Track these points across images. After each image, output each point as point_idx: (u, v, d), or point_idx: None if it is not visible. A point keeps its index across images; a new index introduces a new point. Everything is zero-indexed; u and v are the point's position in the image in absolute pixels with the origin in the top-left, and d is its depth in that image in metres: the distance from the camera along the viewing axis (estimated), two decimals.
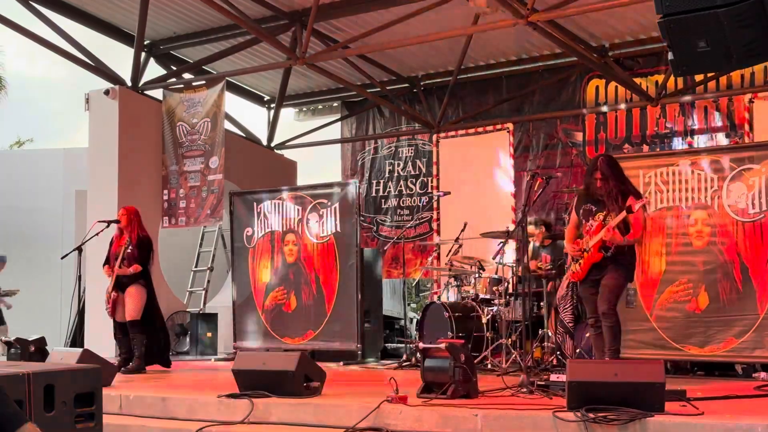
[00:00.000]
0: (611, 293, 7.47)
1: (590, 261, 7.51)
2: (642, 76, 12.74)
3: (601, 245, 7.44)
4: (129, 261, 9.71)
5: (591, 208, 7.59)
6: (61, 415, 4.71)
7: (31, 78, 54.19)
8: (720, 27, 4.59)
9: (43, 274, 15.11)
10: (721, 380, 8.27)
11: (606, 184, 7.49)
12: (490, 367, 9.22)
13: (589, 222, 7.57)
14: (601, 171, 7.55)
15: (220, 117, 12.64)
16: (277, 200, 11.31)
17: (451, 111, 14.33)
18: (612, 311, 7.45)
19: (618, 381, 5.53)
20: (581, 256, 7.57)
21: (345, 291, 10.67)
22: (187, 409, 6.74)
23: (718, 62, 5.12)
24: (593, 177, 7.57)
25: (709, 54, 4.80)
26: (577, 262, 7.65)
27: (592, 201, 7.61)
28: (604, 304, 7.43)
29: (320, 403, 6.42)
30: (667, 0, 4.63)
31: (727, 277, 8.27)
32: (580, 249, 7.58)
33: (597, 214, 7.51)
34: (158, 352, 10.02)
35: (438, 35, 11.70)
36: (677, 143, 12.43)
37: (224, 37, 13.23)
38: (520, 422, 5.56)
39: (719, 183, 8.40)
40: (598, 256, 7.46)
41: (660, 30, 4.80)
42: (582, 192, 7.88)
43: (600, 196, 7.53)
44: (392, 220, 14.87)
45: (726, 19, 4.54)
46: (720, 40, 4.68)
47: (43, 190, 16.52)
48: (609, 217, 7.42)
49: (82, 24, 12.94)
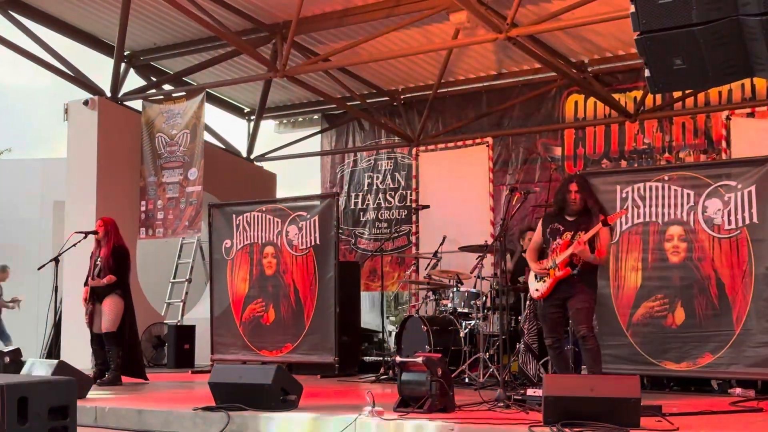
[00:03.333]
0: (587, 316, 7.43)
1: (557, 278, 7.43)
2: (621, 92, 12.80)
3: (568, 261, 7.40)
4: (104, 272, 9.67)
5: (558, 227, 7.56)
6: (34, 428, 4.68)
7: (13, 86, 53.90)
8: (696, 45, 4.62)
9: (19, 285, 15.00)
10: (697, 396, 8.30)
11: (582, 197, 7.51)
12: (468, 381, 9.22)
13: (555, 241, 7.53)
14: (578, 184, 7.58)
15: (199, 128, 12.62)
16: (256, 212, 11.29)
17: (431, 125, 14.35)
18: (591, 333, 7.43)
19: (594, 396, 5.56)
20: (546, 274, 7.55)
21: (323, 304, 10.66)
22: (163, 421, 6.72)
23: (695, 80, 5.15)
24: (568, 189, 7.57)
25: (686, 71, 4.83)
26: (542, 281, 7.59)
27: (559, 221, 7.59)
28: (584, 327, 7.36)
29: (297, 416, 6.42)
30: (643, 17, 4.66)
31: (703, 292, 8.32)
32: (545, 267, 7.55)
33: (564, 234, 7.48)
34: (134, 364, 9.96)
35: (419, 49, 11.76)
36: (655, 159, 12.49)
37: (205, 48, 13.22)
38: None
39: (696, 199, 8.46)
40: (565, 272, 7.39)
41: (637, 47, 4.83)
42: (548, 212, 7.86)
43: (573, 211, 7.53)
44: (370, 233, 14.86)
45: (702, 37, 4.57)
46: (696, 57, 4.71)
47: (20, 200, 16.44)
48: (577, 236, 7.39)
49: (63, 34, 12.93)
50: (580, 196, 7.51)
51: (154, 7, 12.06)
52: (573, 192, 7.52)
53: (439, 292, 10.63)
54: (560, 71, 11.94)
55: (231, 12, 11.88)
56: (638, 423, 5.44)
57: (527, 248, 9.23)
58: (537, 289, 7.62)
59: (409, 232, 14.27)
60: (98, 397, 7.89)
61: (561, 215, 7.61)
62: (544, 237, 7.68)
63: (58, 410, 4.82)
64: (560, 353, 7.66)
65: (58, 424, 4.81)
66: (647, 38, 4.72)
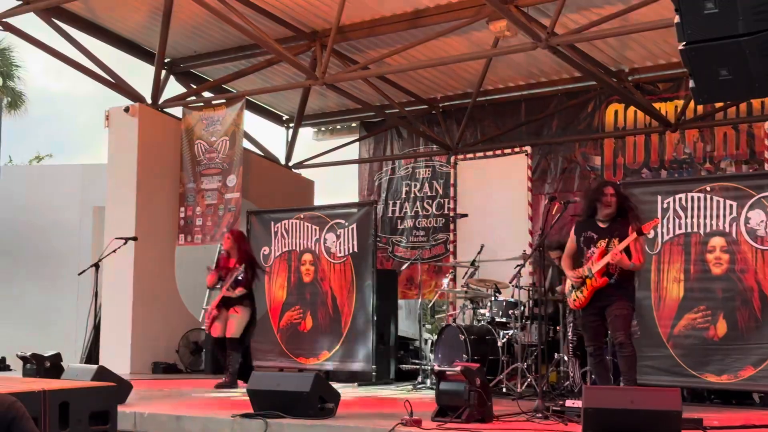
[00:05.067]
0: (625, 323, 7.36)
1: (594, 287, 7.38)
2: (661, 101, 12.71)
3: (605, 270, 7.34)
4: (236, 283, 9.81)
5: (592, 235, 7.49)
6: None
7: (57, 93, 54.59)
8: (742, 56, 4.56)
9: (59, 290, 15.15)
10: (739, 409, 8.21)
11: (616, 201, 7.43)
12: (505, 391, 9.18)
13: (590, 249, 7.47)
14: (615, 188, 7.52)
15: (238, 135, 12.69)
16: (294, 219, 11.32)
17: (470, 133, 14.34)
18: (629, 341, 7.36)
19: (634, 408, 5.50)
20: (582, 284, 7.50)
21: (360, 311, 10.66)
22: (201, 428, 6.74)
23: (741, 91, 5.08)
24: (604, 192, 7.49)
25: (732, 82, 4.77)
26: (579, 290, 7.52)
27: (592, 228, 7.54)
28: (621, 335, 7.31)
29: (334, 424, 6.41)
30: (688, 28, 4.61)
31: (745, 304, 8.22)
32: (581, 276, 7.50)
33: (599, 242, 7.42)
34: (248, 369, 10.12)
35: (458, 57, 11.74)
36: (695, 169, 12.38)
37: (244, 56, 13.31)
38: None
39: (738, 210, 8.36)
40: (602, 281, 7.34)
41: (681, 58, 4.77)
42: (580, 220, 7.79)
43: (606, 216, 7.46)
44: (408, 241, 14.86)
45: (749, 47, 4.52)
46: (742, 68, 4.65)
47: (61, 206, 16.58)
48: (612, 244, 7.34)
49: (105, 41, 13.08)
50: (615, 199, 7.45)
51: (195, 14, 12.16)
52: (609, 195, 7.44)
53: (476, 301, 10.59)
54: (600, 80, 11.87)
55: (270, 20, 11.94)
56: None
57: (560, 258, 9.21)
58: (575, 299, 7.57)
59: (446, 241, 14.23)
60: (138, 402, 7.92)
61: (593, 222, 7.55)
62: (577, 245, 7.63)
63: (98, 415, 4.87)
64: (601, 361, 7.62)
65: (99, 429, 4.86)
66: (692, 49, 4.66)
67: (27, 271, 16.16)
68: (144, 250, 12.18)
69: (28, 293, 15.97)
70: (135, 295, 12.34)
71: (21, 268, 16.15)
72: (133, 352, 12.27)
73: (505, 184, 13.17)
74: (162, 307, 12.67)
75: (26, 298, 15.92)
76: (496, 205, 13.03)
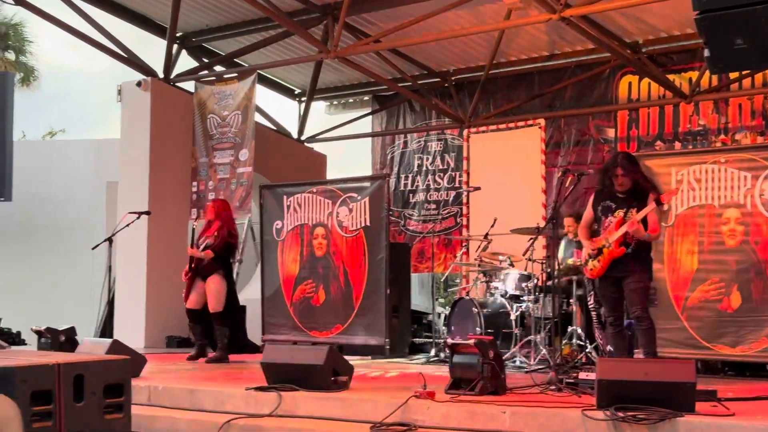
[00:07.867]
0: (642, 295, 7.39)
1: (611, 256, 7.39)
2: (675, 73, 12.63)
3: (622, 240, 7.33)
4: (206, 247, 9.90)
5: (610, 205, 7.49)
6: (90, 406, 4.75)
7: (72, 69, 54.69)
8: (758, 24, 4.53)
9: (73, 265, 15.21)
10: (753, 381, 8.18)
11: (628, 180, 7.41)
12: (519, 364, 9.19)
13: (608, 218, 7.48)
14: (622, 167, 7.46)
15: (250, 110, 12.66)
16: (306, 194, 11.29)
17: (482, 106, 14.29)
18: (646, 313, 7.38)
19: (648, 380, 5.48)
20: (599, 252, 7.48)
21: (373, 285, 10.63)
22: (215, 401, 6.76)
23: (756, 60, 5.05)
24: (615, 173, 7.47)
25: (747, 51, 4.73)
26: (596, 259, 7.53)
27: (610, 198, 7.53)
28: (638, 308, 7.34)
29: (348, 397, 6.42)
30: None
31: (760, 276, 8.19)
32: (597, 247, 7.49)
33: (617, 211, 7.42)
34: (240, 342, 10.17)
35: (470, 30, 11.68)
36: (710, 141, 12.31)
37: (256, 30, 13.25)
38: (548, 420, 5.53)
39: (753, 181, 8.31)
40: (620, 251, 7.34)
41: (696, 27, 4.75)
42: (599, 189, 7.76)
43: (620, 193, 7.45)
44: (419, 215, 14.85)
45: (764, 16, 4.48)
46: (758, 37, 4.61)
47: (74, 181, 16.64)
48: (630, 213, 7.33)
49: (116, 16, 13.03)
50: (627, 178, 7.42)
51: None
52: (620, 176, 7.41)
53: (489, 274, 10.57)
54: (614, 52, 11.80)
55: None
56: (693, 408, 5.36)
57: (576, 228, 9.19)
58: (592, 268, 7.57)
59: (457, 214, 14.22)
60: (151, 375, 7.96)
61: (612, 191, 7.53)
62: (595, 214, 7.63)
63: (113, 388, 4.88)
64: (620, 331, 7.63)
65: (113, 401, 4.87)
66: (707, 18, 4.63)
67: (41, 246, 16.24)
68: (157, 224, 12.21)
69: (42, 268, 16.05)
70: (149, 270, 12.37)
71: (35, 243, 16.22)
72: (147, 326, 12.32)
73: (518, 157, 13.15)
74: (176, 281, 12.65)
75: (40, 272, 16.00)
76: (509, 178, 13.00)
